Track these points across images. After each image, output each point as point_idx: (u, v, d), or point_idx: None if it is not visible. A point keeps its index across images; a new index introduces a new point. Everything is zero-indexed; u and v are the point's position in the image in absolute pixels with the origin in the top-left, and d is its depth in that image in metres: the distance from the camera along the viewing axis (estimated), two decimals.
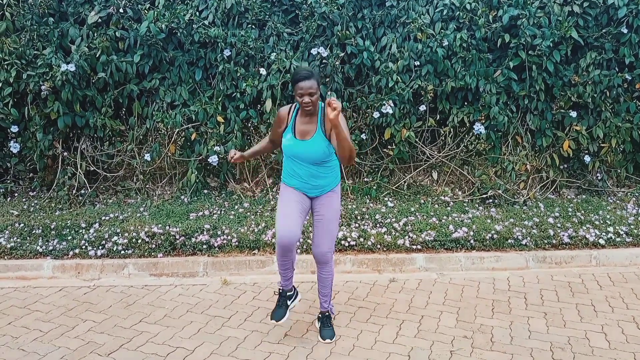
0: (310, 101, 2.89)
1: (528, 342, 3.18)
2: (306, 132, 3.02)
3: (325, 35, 5.29)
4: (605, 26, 5.27)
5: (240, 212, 5.00)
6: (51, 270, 4.35)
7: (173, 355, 3.09)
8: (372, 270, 4.34)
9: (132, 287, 4.11)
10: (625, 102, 5.40)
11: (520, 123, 5.45)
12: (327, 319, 3.31)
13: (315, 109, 2.96)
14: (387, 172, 5.61)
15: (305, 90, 2.87)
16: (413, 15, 5.19)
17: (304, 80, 2.86)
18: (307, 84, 2.86)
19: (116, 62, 5.12)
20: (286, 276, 3.17)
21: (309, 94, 2.88)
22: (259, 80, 5.17)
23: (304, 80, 2.86)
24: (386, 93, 5.18)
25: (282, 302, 3.21)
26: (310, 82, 2.86)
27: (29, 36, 5.20)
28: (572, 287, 4.00)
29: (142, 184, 5.62)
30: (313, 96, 2.89)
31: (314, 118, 3.03)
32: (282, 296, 3.22)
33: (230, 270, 4.33)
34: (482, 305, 3.70)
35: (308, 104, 2.89)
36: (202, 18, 5.22)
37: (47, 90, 5.02)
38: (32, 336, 3.32)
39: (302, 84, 2.86)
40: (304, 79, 2.86)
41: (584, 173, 5.70)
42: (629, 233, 4.64)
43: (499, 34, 5.14)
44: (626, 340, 3.19)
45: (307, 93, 2.87)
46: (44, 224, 4.81)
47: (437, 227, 4.64)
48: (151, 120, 5.37)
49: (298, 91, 2.88)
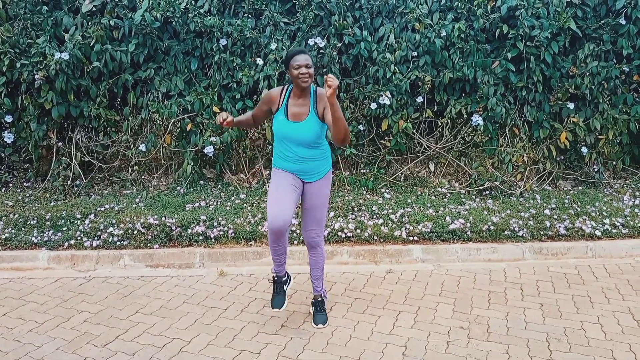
0: (308, 72, 2.89)
1: (524, 333, 3.19)
2: (299, 114, 3.02)
3: (322, 25, 5.24)
4: (603, 17, 5.25)
5: (236, 203, 4.98)
6: (46, 261, 4.32)
7: (169, 346, 3.08)
8: (369, 261, 4.34)
9: (128, 278, 4.10)
10: (622, 94, 5.40)
11: (518, 114, 5.44)
12: (320, 304, 3.34)
13: (310, 82, 2.95)
14: (384, 164, 5.60)
15: (302, 62, 2.89)
16: (411, 5, 5.15)
17: (301, 54, 2.92)
18: (303, 57, 2.91)
19: (111, 52, 5.06)
20: (279, 261, 3.17)
21: (305, 66, 2.89)
22: (255, 70, 5.13)
23: (301, 53, 2.92)
24: (383, 84, 5.15)
25: (279, 289, 3.23)
26: (306, 56, 2.91)
27: (22, 25, 5.14)
28: (568, 279, 4.01)
29: (138, 174, 5.59)
30: (310, 68, 2.90)
31: (306, 100, 3.03)
32: (278, 282, 3.24)
33: (226, 261, 4.32)
34: (479, 297, 3.71)
35: (305, 74, 2.89)
36: (198, 7, 5.16)
37: (41, 80, 4.97)
38: (27, 327, 3.31)
39: (298, 56, 2.91)
40: (300, 52, 2.92)
41: (581, 165, 5.70)
42: (625, 225, 4.65)
43: (497, 24, 5.11)
44: (622, 331, 3.21)
45: (304, 64, 2.89)
46: (39, 215, 4.78)
47: (434, 219, 4.64)
48: (146, 111, 5.33)
49: (294, 64, 2.90)
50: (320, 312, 3.32)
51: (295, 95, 3.05)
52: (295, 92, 3.04)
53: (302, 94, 3.03)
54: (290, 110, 3.04)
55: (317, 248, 3.24)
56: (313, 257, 3.28)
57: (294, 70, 2.92)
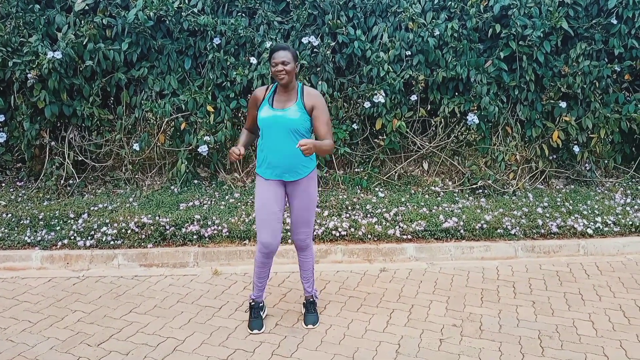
0: (284, 69, 2.93)
1: (516, 330, 3.22)
2: (283, 103, 3.03)
3: (316, 24, 5.25)
4: (595, 17, 5.28)
5: (230, 203, 4.98)
6: (40, 261, 4.31)
7: (163, 345, 3.08)
8: (363, 260, 4.35)
9: (122, 277, 4.09)
10: (614, 93, 5.44)
11: (510, 113, 5.47)
12: (312, 305, 3.35)
13: (289, 79, 2.97)
14: (378, 163, 5.61)
15: (279, 59, 2.93)
16: (404, 4, 5.16)
17: (279, 50, 2.95)
18: (281, 53, 2.95)
19: (104, 50, 5.04)
20: (261, 287, 3.25)
21: (282, 63, 2.93)
22: (249, 70, 5.13)
23: (279, 50, 2.95)
24: (377, 83, 5.17)
25: (255, 314, 3.26)
26: (284, 52, 2.95)
27: (14, 23, 5.10)
28: (560, 276, 4.04)
29: (131, 174, 5.57)
30: (286, 65, 2.93)
31: (292, 94, 3.04)
32: (255, 308, 3.27)
33: (220, 260, 4.32)
34: (472, 294, 3.73)
35: (281, 71, 2.93)
36: (191, 6, 5.14)
37: (34, 79, 4.95)
38: (20, 327, 3.30)
39: (277, 53, 2.95)
40: (279, 49, 2.96)
41: (573, 163, 5.75)
42: (616, 223, 4.69)
43: (490, 24, 5.14)
44: (613, 328, 3.24)
45: (280, 62, 2.93)
46: (32, 214, 4.76)
47: (428, 217, 4.66)
48: (140, 110, 5.32)
49: (272, 61, 2.95)
50: (311, 312, 3.33)
51: (280, 90, 3.06)
52: (279, 89, 3.06)
53: (287, 90, 3.03)
54: (276, 103, 3.04)
55: (306, 250, 3.24)
56: (302, 259, 3.28)
57: (272, 67, 2.97)
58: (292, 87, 3.03)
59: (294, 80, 3.03)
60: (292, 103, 3.02)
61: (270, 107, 3.03)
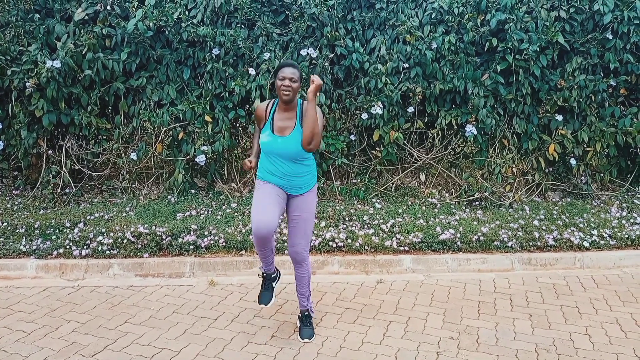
0: (290, 86, 2.93)
1: (513, 344, 3.21)
2: (284, 128, 3.02)
3: (314, 36, 5.29)
4: (591, 32, 5.34)
5: (227, 213, 4.97)
6: (35, 270, 4.28)
7: (158, 356, 3.06)
8: (360, 271, 4.34)
9: (117, 287, 4.07)
10: (610, 107, 5.48)
11: (507, 126, 5.50)
12: (307, 319, 3.33)
13: (293, 96, 2.98)
14: (375, 174, 5.63)
15: (286, 75, 2.94)
16: (402, 17, 5.21)
17: (288, 67, 2.98)
18: (289, 70, 2.96)
19: (103, 60, 5.06)
20: (268, 261, 3.18)
21: (290, 79, 2.94)
22: (247, 80, 5.15)
23: (288, 66, 2.98)
24: (375, 95, 5.20)
25: (267, 285, 3.24)
26: (293, 70, 2.96)
27: (14, 32, 5.13)
28: (557, 289, 4.04)
29: (128, 183, 5.56)
30: (293, 83, 2.94)
31: (292, 114, 3.04)
32: (267, 279, 3.24)
33: (217, 270, 4.30)
34: (468, 307, 3.73)
35: (288, 87, 2.93)
36: (191, 17, 5.18)
37: (32, 87, 4.95)
38: (14, 337, 3.27)
39: (285, 69, 2.96)
40: (288, 65, 3.00)
41: (569, 176, 5.77)
42: (612, 236, 4.70)
43: (487, 37, 5.19)
44: (609, 342, 3.24)
45: (288, 77, 2.94)
46: (28, 223, 4.74)
47: (425, 229, 4.66)
48: (138, 119, 5.32)
49: (280, 75, 2.95)
50: (306, 326, 3.31)
51: (280, 109, 3.05)
52: (280, 106, 3.05)
53: (288, 108, 3.03)
54: (276, 125, 3.04)
55: (302, 264, 3.21)
56: (298, 273, 3.25)
57: (278, 81, 2.96)
58: (293, 105, 3.04)
59: (296, 98, 3.04)
60: (292, 128, 3.00)
61: (271, 132, 3.02)
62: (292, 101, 3.00)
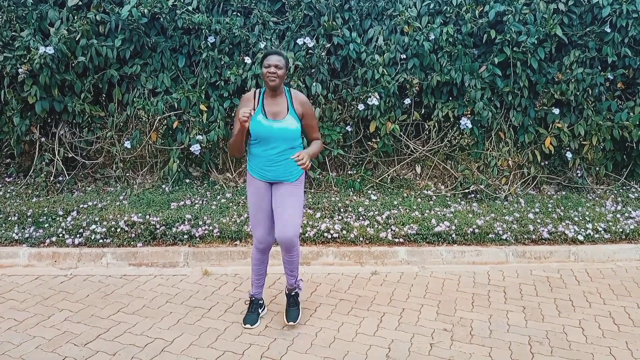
0: (275, 72, 2.99)
1: (507, 336, 3.22)
2: (277, 112, 3.07)
3: (311, 26, 5.23)
4: (589, 25, 5.32)
5: (222, 203, 4.94)
6: (27, 259, 4.25)
7: (151, 346, 3.04)
8: (354, 262, 4.34)
9: (110, 276, 4.04)
10: (607, 101, 5.47)
11: (504, 119, 5.49)
12: (294, 298, 3.33)
13: (279, 83, 3.03)
14: (371, 165, 5.61)
15: (272, 62, 3.00)
16: (400, 8, 5.16)
17: (273, 55, 3.02)
18: (275, 57, 3.00)
19: (96, 47, 4.99)
20: (259, 283, 3.32)
21: (275, 66, 2.99)
22: (243, 69, 5.10)
23: (273, 54, 3.02)
24: (372, 85, 5.16)
25: (253, 309, 3.31)
26: (278, 57, 3.02)
27: (6, 17, 5.04)
28: (551, 282, 4.05)
29: (122, 172, 5.52)
30: (279, 70, 3.00)
31: (281, 99, 3.10)
32: (255, 303, 3.32)
33: (211, 260, 4.28)
34: (462, 299, 3.73)
35: (274, 74, 2.99)
36: (186, 4, 5.11)
37: (25, 74, 4.88)
38: (6, 325, 3.24)
39: (271, 57, 3.01)
40: (273, 53, 3.03)
41: (564, 170, 5.77)
42: (607, 230, 4.71)
43: (485, 29, 5.16)
44: (602, 335, 3.25)
45: (273, 64, 2.99)
46: (20, 211, 4.69)
47: (420, 221, 4.66)
48: (132, 107, 5.27)
49: (265, 63, 3.01)
50: (293, 306, 3.30)
51: (268, 95, 3.11)
52: (268, 93, 3.11)
53: (275, 94, 3.09)
54: (268, 110, 3.07)
55: (292, 250, 3.14)
56: (289, 258, 3.20)
57: (264, 68, 3.01)
58: (280, 91, 3.10)
59: (282, 84, 3.10)
60: (286, 112, 3.07)
61: (265, 117, 3.05)
62: (278, 87, 3.06)
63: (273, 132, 3.03)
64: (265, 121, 3.04)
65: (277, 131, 3.03)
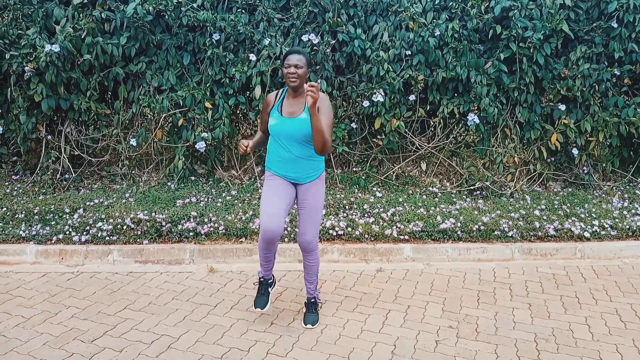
0: (296, 72, 2.96)
1: (512, 333, 3.21)
2: (293, 111, 3.06)
3: (316, 22, 5.22)
4: (595, 20, 5.27)
5: (227, 200, 4.96)
6: (34, 256, 4.28)
7: (158, 342, 3.06)
8: (360, 259, 4.34)
9: (117, 273, 4.07)
10: (613, 97, 5.43)
11: (510, 115, 5.46)
12: (313, 305, 3.34)
13: (300, 83, 3.01)
14: (376, 162, 5.60)
15: (292, 62, 2.97)
16: (405, 3, 5.14)
17: (294, 54, 2.99)
18: (295, 57, 2.99)
19: (102, 44, 5.01)
20: (268, 267, 3.26)
21: (295, 66, 2.96)
22: (248, 66, 5.10)
23: (294, 53, 2.99)
24: (377, 82, 5.15)
25: (263, 290, 3.28)
26: (298, 56, 2.99)
27: (12, 15, 5.06)
28: (557, 279, 4.04)
29: (128, 169, 5.54)
30: (299, 69, 2.97)
31: (300, 99, 3.07)
32: (264, 284, 3.28)
33: (217, 257, 4.30)
34: (468, 296, 3.72)
35: (293, 74, 2.96)
36: (191, 1, 5.11)
37: (31, 72, 4.90)
38: (14, 322, 3.27)
39: (291, 56, 2.98)
40: (294, 52, 2.99)
41: (571, 166, 5.74)
42: (613, 226, 4.69)
43: (491, 25, 5.13)
44: (609, 332, 3.23)
45: (293, 64, 2.97)
46: (27, 209, 4.72)
47: (425, 218, 4.65)
48: (137, 105, 5.28)
49: (286, 63, 2.98)
50: (311, 312, 3.32)
51: (290, 95, 3.10)
52: (289, 93, 3.10)
53: (296, 94, 3.07)
54: (285, 109, 3.08)
55: (312, 253, 3.22)
56: (308, 262, 3.26)
57: (284, 69, 3.00)
58: (301, 91, 3.06)
59: (304, 85, 3.00)
60: (302, 110, 3.03)
61: (280, 115, 3.06)
62: (300, 87, 3.03)
63: (285, 128, 3.02)
64: (279, 118, 3.04)
65: (290, 127, 3.01)
